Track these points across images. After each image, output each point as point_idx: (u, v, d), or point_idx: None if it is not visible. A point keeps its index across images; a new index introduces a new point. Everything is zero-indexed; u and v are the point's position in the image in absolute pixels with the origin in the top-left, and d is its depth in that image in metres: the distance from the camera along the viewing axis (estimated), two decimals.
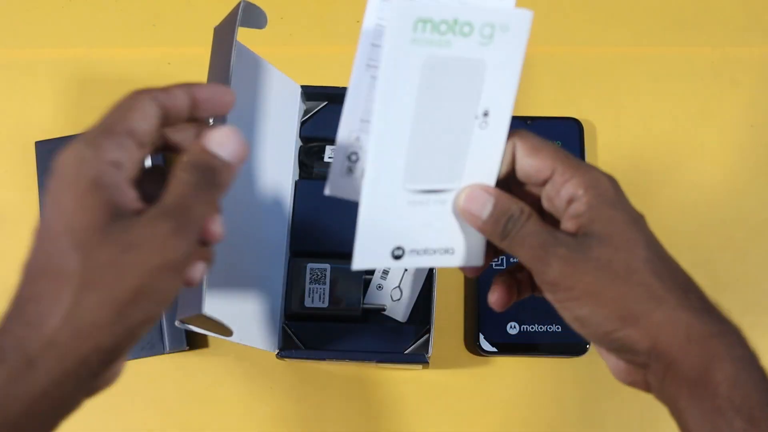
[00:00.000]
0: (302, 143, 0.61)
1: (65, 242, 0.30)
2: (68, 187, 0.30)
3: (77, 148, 0.31)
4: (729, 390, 0.32)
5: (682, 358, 0.33)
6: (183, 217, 0.31)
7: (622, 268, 0.34)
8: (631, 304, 0.33)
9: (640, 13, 0.68)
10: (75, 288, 0.29)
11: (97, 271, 0.30)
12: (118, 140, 0.32)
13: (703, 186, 0.63)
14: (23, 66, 0.68)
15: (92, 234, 0.30)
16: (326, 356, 0.55)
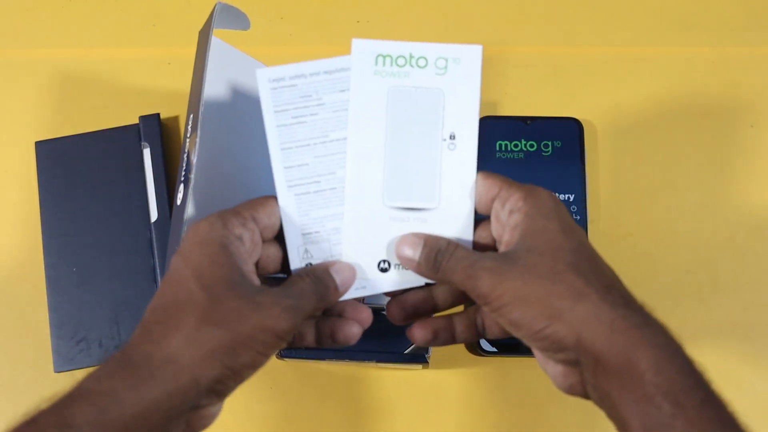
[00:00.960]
0: None
1: (194, 284, 0.36)
2: (200, 246, 0.37)
3: (210, 219, 0.38)
4: (654, 376, 0.34)
5: (607, 349, 0.35)
6: (298, 303, 0.38)
7: (546, 271, 0.37)
8: (555, 302, 0.36)
9: (640, 13, 0.68)
10: (198, 319, 0.35)
11: (221, 312, 0.35)
12: (243, 221, 0.39)
13: (702, 186, 0.63)
14: (23, 66, 0.68)
15: (220, 283, 0.36)
16: (326, 356, 0.55)
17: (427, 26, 0.68)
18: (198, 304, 0.35)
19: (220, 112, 0.51)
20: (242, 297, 0.36)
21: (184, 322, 0.35)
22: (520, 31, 0.68)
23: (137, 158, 0.63)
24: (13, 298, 0.62)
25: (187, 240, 0.38)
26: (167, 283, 0.37)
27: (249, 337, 0.35)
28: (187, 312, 0.35)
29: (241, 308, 0.35)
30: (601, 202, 0.63)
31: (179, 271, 0.36)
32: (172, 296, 0.36)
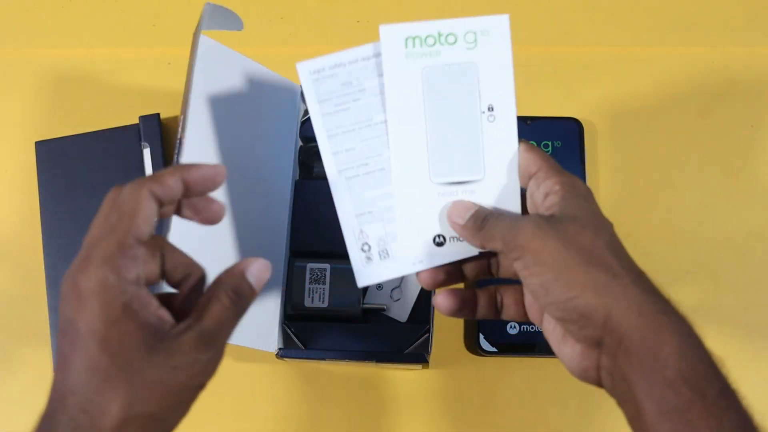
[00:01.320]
0: (303, 143, 0.61)
1: (107, 363, 0.34)
2: (99, 313, 0.34)
3: (99, 272, 0.34)
4: (677, 362, 0.34)
5: (633, 330, 0.35)
6: (219, 345, 0.36)
7: (587, 243, 0.37)
8: (592, 274, 0.36)
9: (640, 13, 0.68)
10: (123, 405, 0.33)
11: (143, 390, 0.34)
12: (132, 253, 0.35)
13: (702, 186, 0.63)
14: (23, 66, 0.68)
15: (136, 357, 0.34)
16: (326, 356, 0.55)
17: None
18: (119, 387, 0.33)
19: (210, 111, 0.51)
20: (161, 365, 0.34)
21: (110, 411, 0.33)
22: (520, 31, 0.68)
23: (137, 158, 0.63)
24: (13, 298, 0.62)
25: (82, 300, 0.34)
26: (76, 356, 0.34)
27: (176, 404, 0.35)
28: (109, 398, 0.33)
29: (163, 378, 0.34)
30: (601, 202, 0.62)
31: (85, 344, 0.34)
32: (86, 376, 0.34)
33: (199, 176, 0.38)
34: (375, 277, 0.45)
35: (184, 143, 0.47)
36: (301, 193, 0.59)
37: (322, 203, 0.58)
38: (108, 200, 0.36)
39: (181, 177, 0.37)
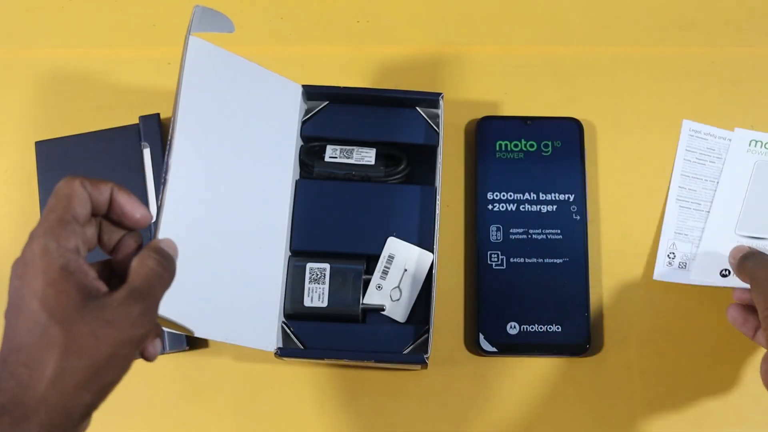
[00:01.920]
0: (303, 143, 0.61)
1: (45, 318, 0.36)
2: (40, 275, 0.37)
3: (40, 241, 0.37)
4: None
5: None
6: (149, 301, 0.39)
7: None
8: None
9: (640, 13, 0.68)
10: (59, 355, 0.36)
11: (77, 342, 0.36)
12: (71, 228, 0.38)
13: None
14: (23, 66, 0.68)
15: (71, 312, 0.36)
16: (324, 355, 0.55)
17: (427, 26, 0.68)
18: (54, 339, 0.36)
19: (202, 113, 0.51)
20: (93, 319, 0.36)
21: (47, 362, 0.36)
22: (520, 31, 0.68)
23: (137, 158, 0.63)
24: None
25: (27, 267, 0.37)
26: (19, 318, 0.37)
27: (110, 357, 0.37)
28: (46, 350, 0.36)
29: (95, 332, 0.36)
30: (601, 202, 0.63)
31: (27, 305, 0.37)
32: (27, 333, 0.36)
33: (125, 203, 0.41)
34: (667, 277, 0.60)
35: (174, 144, 0.47)
36: (301, 192, 0.59)
37: (322, 203, 0.59)
38: (51, 195, 0.40)
39: (111, 191, 0.41)
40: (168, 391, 0.59)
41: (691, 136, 0.63)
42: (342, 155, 0.60)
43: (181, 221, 0.47)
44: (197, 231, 0.47)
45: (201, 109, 0.51)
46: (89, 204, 0.40)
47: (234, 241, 0.53)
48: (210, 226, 0.51)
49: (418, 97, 0.60)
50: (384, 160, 0.60)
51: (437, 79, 0.66)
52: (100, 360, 0.36)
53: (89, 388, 0.36)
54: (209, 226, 0.50)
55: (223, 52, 0.52)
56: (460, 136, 0.64)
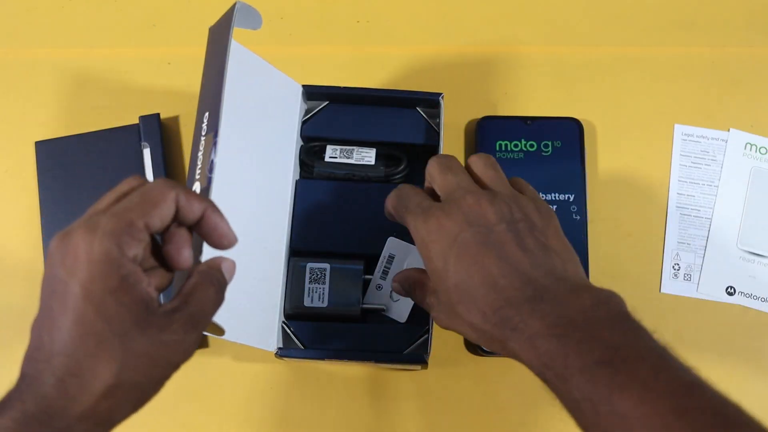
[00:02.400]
0: (303, 142, 0.61)
1: (102, 328, 0.34)
2: (99, 280, 0.34)
3: (103, 243, 0.35)
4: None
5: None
6: (201, 329, 0.39)
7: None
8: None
9: (640, 13, 0.68)
10: (115, 371, 0.35)
11: (134, 360, 0.35)
12: (139, 236, 0.36)
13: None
14: (23, 66, 0.68)
15: (130, 326, 0.35)
16: (325, 356, 0.55)
17: (427, 26, 0.68)
18: (112, 353, 0.34)
19: (237, 115, 0.51)
20: (151, 338, 0.36)
21: (100, 376, 0.34)
22: (520, 31, 0.68)
23: (137, 158, 0.63)
24: (13, 298, 0.62)
25: (81, 263, 0.34)
26: (67, 317, 0.34)
27: (161, 377, 0.37)
28: (102, 363, 0.34)
29: (151, 353, 0.36)
30: (601, 202, 0.63)
31: (80, 306, 0.34)
32: (79, 338, 0.34)
33: (214, 226, 0.40)
34: (674, 290, 0.60)
35: (218, 142, 0.46)
36: (301, 192, 0.59)
37: (322, 203, 0.59)
38: (128, 183, 0.39)
39: (204, 210, 0.39)
40: (168, 391, 0.59)
41: (684, 140, 0.63)
42: (342, 155, 0.60)
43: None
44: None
45: (236, 109, 0.50)
46: (171, 218, 0.38)
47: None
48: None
49: (419, 97, 0.60)
50: (384, 160, 0.60)
51: (437, 79, 0.66)
52: (151, 378, 0.36)
53: (132, 406, 0.36)
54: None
55: (236, 45, 0.52)
56: (460, 136, 0.64)
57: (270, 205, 0.57)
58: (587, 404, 0.36)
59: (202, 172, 0.46)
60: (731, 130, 0.63)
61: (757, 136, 0.63)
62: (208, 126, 0.47)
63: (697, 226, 0.61)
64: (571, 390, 0.37)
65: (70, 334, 0.34)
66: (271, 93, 0.57)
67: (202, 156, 0.47)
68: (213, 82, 0.48)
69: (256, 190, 0.56)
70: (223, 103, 0.46)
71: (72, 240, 0.35)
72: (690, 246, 0.61)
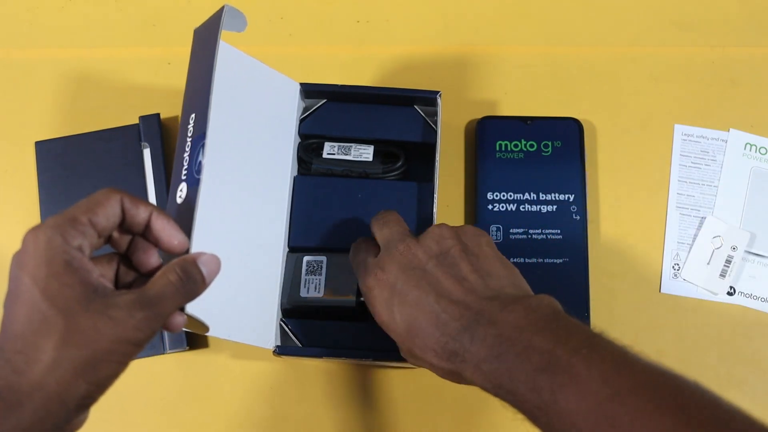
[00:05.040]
0: (301, 140, 0.61)
1: (46, 307, 0.36)
2: (44, 265, 0.36)
3: (46, 233, 0.37)
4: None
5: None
6: (156, 310, 0.39)
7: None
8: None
9: (640, 13, 0.68)
10: (58, 344, 0.36)
11: (78, 333, 0.36)
12: (82, 229, 0.38)
13: None
14: (23, 66, 0.68)
15: (74, 303, 0.36)
16: (322, 354, 0.55)
17: (427, 26, 0.69)
18: (54, 327, 0.36)
19: (228, 115, 0.51)
20: (96, 313, 0.37)
21: (44, 349, 0.35)
22: (520, 31, 0.68)
23: (137, 158, 0.63)
24: None
25: (29, 255, 0.37)
26: (18, 305, 0.37)
27: (108, 352, 0.37)
28: (45, 337, 0.36)
29: (97, 325, 0.36)
30: (601, 202, 0.62)
31: (28, 293, 0.36)
32: (26, 320, 0.36)
33: (163, 229, 0.41)
34: (673, 291, 0.60)
35: (206, 143, 0.46)
36: (299, 189, 0.59)
37: (320, 200, 0.59)
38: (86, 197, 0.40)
39: (151, 213, 0.41)
40: (168, 391, 0.59)
41: (684, 140, 0.63)
42: (340, 152, 0.60)
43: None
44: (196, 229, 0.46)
45: (225, 110, 0.50)
46: (117, 219, 0.40)
47: (233, 238, 0.53)
48: (209, 223, 0.51)
49: (416, 95, 0.60)
50: (382, 157, 0.60)
51: (437, 79, 0.66)
52: (99, 352, 0.36)
53: (86, 379, 0.36)
54: (208, 223, 0.50)
55: (230, 48, 0.52)
56: (460, 136, 0.64)
57: (268, 203, 0.57)
58: (539, 412, 0.37)
59: (188, 173, 0.47)
60: (731, 130, 0.63)
61: (757, 136, 0.63)
62: (194, 127, 0.47)
63: (696, 226, 0.61)
64: (523, 403, 0.38)
65: (20, 318, 0.36)
66: (266, 92, 0.57)
67: (188, 157, 0.47)
68: (200, 83, 0.48)
69: (252, 189, 0.56)
70: (211, 105, 0.46)
71: (23, 246, 0.38)
72: (684, 245, 0.61)
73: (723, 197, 0.62)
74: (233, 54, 0.53)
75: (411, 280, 0.44)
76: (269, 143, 0.58)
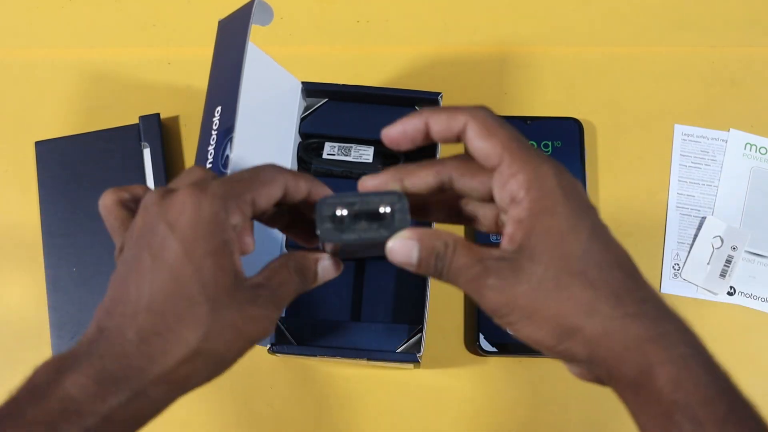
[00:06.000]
0: (302, 139, 0.61)
1: (197, 291, 0.33)
2: (203, 240, 0.33)
3: (214, 204, 0.34)
4: (672, 393, 0.32)
5: (621, 365, 0.33)
6: (282, 308, 0.37)
7: (553, 286, 0.34)
8: (565, 320, 0.34)
9: (640, 13, 0.68)
10: (200, 338, 0.33)
11: (220, 331, 0.34)
12: (243, 207, 0.35)
13: None
14: (23, 66, 0.68)
15: (222, 293, 0.34)
16: (318, 352, 0.55)
17: (427, 26, 0.68)
18: (201, 319, 0.33)
19: (246, 110, 0.51)
20: (238, 310, 0.34)
21: (185, 341, 0.33)
22: (520, 31, 0.68)
23: (137, 158, 0.63)
24: (13, 299, 0.62)
25: (187, 220, 0.33)
26: (160, 271, 0.33)
27: (240, 351, 0.35)
28: (189, 327, 0.33)
29: (238, 324, 0.34)
30: (601, 202, 0.62)
31: (178, 264, 0.33)
32: (169, 297, 0.33)
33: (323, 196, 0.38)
34: (674, 290, 0.60)
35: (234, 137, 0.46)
36: None
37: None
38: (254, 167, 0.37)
39: (309, 188, 0.38)
40: None
41: (684, 140, 0.63)
42: (340, 153, 0.60)
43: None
44: None
45: (250, 106, 0.49)
46: (276, 200, 0.37)
47: None
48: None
49: (417, 96, 0.60)
50: (382, 158, 0.60)
51: (437, 79, 0.66)
52: (231, 351, 0.35)
53: (207, 375, 0.34)
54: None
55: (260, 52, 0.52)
56: None
57: None
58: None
59: (213, 166, 0.46)
60: (731, 130, 0.63)
61: (757, 136, 0.63)
62: (221, 120, 0.47)
63: (696, 226, 0.61)
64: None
65: (162, 290, 0.33)
66: (273, 88, 0.57)
67: (213, 151, 0.47)
68: (227, 76, 0.47)
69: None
70: (240, 98, 0.46)
71: (178, 197, 0.34)
72: (684, 245, 0.61)
73: (723, 197, 0.62)
74: (250, 47, 0.53)
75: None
76: (273, 141, 0.58)
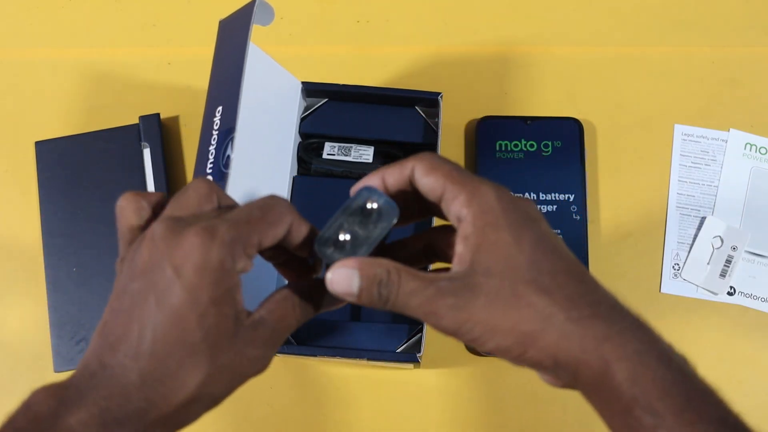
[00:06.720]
0: (301, 139, 0.61)
1: (199, 339, 0.33)
2: (209, 288, 0.33)
3: (221, 252, 0.33)
4: (630, 388, 0.33)
5: (582, 367, 0.34)
6: (279, 345, 0.37)
7: (509, 297, 0.34)
8: (525, 327, 0.34)
9: (640, 13, 0.68)
10: (199, 383, 0.34)
11: (218, 373, 0.34)
12: (250, 252, 0.35)
13: None
14: (23, 66, 0.68)
15: (223, 339, 0.34)
16: (317, 352, 0.55)
17: (427, 26, 0.68)
18: (200, 365, 0.34)
19: (247, 110, 0.51)
20: (239, 353, 0.35)
21: (186, 386, 0.33)
22: (520, 31, 0.68)
23: (137, 158, 0.63)
24: (13, 298, 0.62)
25: (192, 266, 0.33)
26: (163, 315, 0.33)
27: (234, 389, 0.36)
28: (189, 373, 0.33)
29: (236, 366, 0.35)
30: (601, 202, 0.62)
31: (181, 310, 0.33)
32: (171, 343, 0.33)
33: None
34: (674, 290, 0.60)
35: (235, 137, 0.46)
36: (298, 189, 0.59)
37: (319, 200, 0.59)
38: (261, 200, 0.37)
39: (307, 234, 0.38)
40: None
41: (684, 140, 0.63)
42: (340, 153, 0.60)
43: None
44: None
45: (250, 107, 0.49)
46: (279, 239, 0.37)
47: None
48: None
49: (418, 96, 0.60)
50: (382, 159, 0.60)
51: (437, 79, 0.66)
52: (227, 392, 0.35)
53: (202, 413, 0.35)
54: None
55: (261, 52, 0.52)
56: (460, 136, 0.64)
57: None
58: None
59: (214, 167, 0.46)
60: (731, 130, 0.63)
61: (757, 136, 0.63)
62: (222, 120, 0.47)
63: (696, 226, 0.61)
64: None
65: (165, 336, 0.33)
66: (273, 88, 0.57)
67: (214, 151, 0.46)
68: (228, 76, 0.47)
69: (254, 185, 0.55)
70: (241, 98, 0.46)
71: (187, 239, 0.34)
72: (684, 245, 0.61)
73: (723, 197, 0.62)
74: (250, 47, 0.53)
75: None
76: (272, 141, 0.58)
